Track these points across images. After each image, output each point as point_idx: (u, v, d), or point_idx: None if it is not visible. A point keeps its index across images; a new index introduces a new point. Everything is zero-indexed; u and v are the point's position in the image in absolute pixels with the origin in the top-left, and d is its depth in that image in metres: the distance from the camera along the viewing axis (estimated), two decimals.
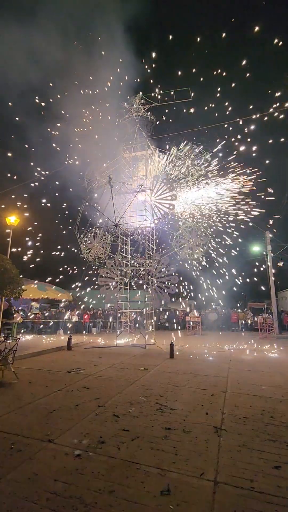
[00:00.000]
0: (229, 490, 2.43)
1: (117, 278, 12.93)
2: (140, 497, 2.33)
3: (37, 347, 10.25)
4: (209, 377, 6.26)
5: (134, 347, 11.22)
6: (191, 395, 4.99)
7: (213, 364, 7.75)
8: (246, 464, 2.82)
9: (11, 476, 2.60)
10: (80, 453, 2.99)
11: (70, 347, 10.34)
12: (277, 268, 19.07)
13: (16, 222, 13.54)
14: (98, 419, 3.89)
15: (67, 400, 4.67)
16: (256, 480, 2.55)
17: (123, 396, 4.85)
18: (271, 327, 15.77)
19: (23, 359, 8.31)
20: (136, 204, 13.57)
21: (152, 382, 5.82)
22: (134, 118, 13.67)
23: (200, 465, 2.79)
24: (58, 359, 8.51)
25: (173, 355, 8.74)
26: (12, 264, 9.73)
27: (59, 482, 2.51)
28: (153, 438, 3.35)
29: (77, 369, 6.92)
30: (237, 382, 5.88)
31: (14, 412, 4.16)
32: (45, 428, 3.60)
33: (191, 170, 12.65)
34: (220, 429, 3.59)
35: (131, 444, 3.19)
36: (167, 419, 3.89)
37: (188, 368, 7.25)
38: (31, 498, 2.31)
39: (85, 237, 13.51)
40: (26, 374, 6.40)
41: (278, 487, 2.46)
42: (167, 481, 2.52)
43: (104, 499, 2.29)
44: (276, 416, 4.03)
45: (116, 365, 7.52)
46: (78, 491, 2.40)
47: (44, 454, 2.99)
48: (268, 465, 2.80)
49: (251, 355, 9.39)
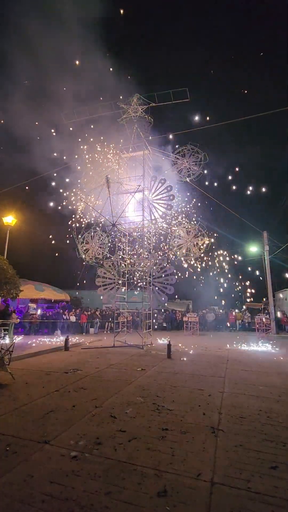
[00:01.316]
0: (225, 490, 2.42)
1: (115, 278, 12.91)
2: (136, 498, 2.31)
3: (34, 348, 10.20)
4: (207, 377, 6.26)
5: (132, 347, 11.20)
6: (188, 395, 4.99)
7: (211, 364, 7.75)
8: (243, 464, 2.82)
9: (6, 478, 2.58)
10: (76, 454, 2.97)
11: (68, 347, 10.31)
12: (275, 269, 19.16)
13: (13, 223, 13.48)
14: (95, 420, 3.87)
15: (63, 401, 4.64)
16: (253, 481, 2.55)
17: (120, 397, 4.83)
18: (268, 327, 15.83)
19: (20, 359, 8.26)
20: (133, 204, 13.57)
21: (149, 382, 5.81)
22: (132, 119, 13.67)
23: (197, 466, 2.78)
24: (55, 359, 8.47)
25: (170, 356, 8.74)
26: (9, 264, 9.69)
27: (55, 484, 2.49)
28: (150, 438, 3.33)
29: (74, 370, 6.89)
30: (234, 382, 5.88)
31: (10, 413, 4.13)
32: (41, 429, 3.57)
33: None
34: (217, 430, 3.58)
35: (128, 445, 3.17)
36: (164, 420, 3.88)
37: (185, 368, 7.24)
38: (27, 500, 2.29)
39: (82, 237, 13.47)
40: (23, 375, 6.36)
41: (275, 487, 2.46)
42: (164, 482, 2.51)
43: (100, 501, 2.28)
44: (273, 416, 4.03)
45: (114, 366, 7.50)
46: (74, 493, 2.38)
47: (40, 455, 2.97)
48: (265, 466, 2.80)
49: (248, 355, 9.41)
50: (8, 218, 13.73)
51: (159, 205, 12.80)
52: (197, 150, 13.26)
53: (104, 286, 13.02)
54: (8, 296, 9.71)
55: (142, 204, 12.83)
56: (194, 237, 12.58)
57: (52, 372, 6.74)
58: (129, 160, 14.07)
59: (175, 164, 13.64)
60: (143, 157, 13.25)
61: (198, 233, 12.55)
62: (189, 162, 13.33)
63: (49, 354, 9.45)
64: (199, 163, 13.18)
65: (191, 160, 13.33)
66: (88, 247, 13.40)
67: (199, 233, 12.53)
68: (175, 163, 13.63)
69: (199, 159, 13.18)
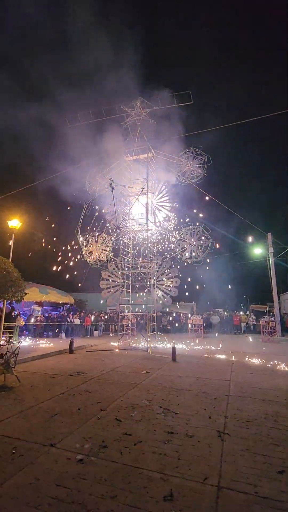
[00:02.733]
0: (232, 495, 2.40)
1: (119, 280, 12.92)
2: (142, 502, 2.30)
3: (39, 351, 10.24)
4: (212, 380, 6.22)
5: (136, 350, 11.18)
6: (194, 398, 4.96)
7: (216, 367, 7.70)
8: (250, 468, 2.80)
9: (13, 481, 2.59)
10: (82, 457, 2.97)
11: (72, 350, 10.32)
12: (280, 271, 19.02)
13: (18, 227, 13.58)
14: (100, 423, 3.87)
15: (69, 404, 4.65)
16: (260, 485, 2.52)
17: (125, 400, 4.83)
18: (273, 330, 15.69)
19: (25, 362, 8.30)
20: (137, 207, 13.61)
21: (154, 385, 5.79)
22: (135, 122, 13.75)
23: (203, 470, 2.76)
24: (60, 362, 8.49)
25: (175, 358, 8.70)
26: (14, 267, 9.76)
27: (61, 487, 2.49)
28: (156, 442, 3.32)
29: (79, 373, 6.90)
30: (240, 385, 5.84)
31: (16, 416, 4.15)
32: (47, 432, 3.58)
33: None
34: (223, 433, 3.56)
35: (133, 449, 3.16)
36: (170, 423, 3.86)
37: (191, 371, 7.21)
38: (33, 503, 2.29)
39: (86, 240, 13.52)
40: (28, 378, 6.39)
41: (282, 492, 2.43)
42: (170, 486, 2.50)
43: (106, 505, 2.27)
44: (279, 420, 3.99)
45: (118, 369, 7.49)
46: (80, 496, 2.38)
47: (46, 458, 2.98)
48: (272, 470, 2.77)
49: (253, 358, 9.33)
50: (14, 221, 13.83)
51: (163, 207, 12.82)
52: (200, 153, 13.28)
53: (108, 289, 13.06)
54: (13, 299, 9.75)
55: (146, 207, 12.87)
56: (198, 240, 12.56)
57: (57, 375, 6.76)
58: (133, 163, 14.13)
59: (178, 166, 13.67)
60: (147, 160, 13.30)
61: (202, 236, 12.53)
62: (193, 165, 13.34)
63: (54, 357, 9.48)
64: (202, 166, 13.19)
65: (194, 162, 13.34)
66: (92, 250, 13.45)
67: (203, 235, 12.51)
68: (179, 166, 13.65)
69: (202, 162, 13.19)
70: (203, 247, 12.48)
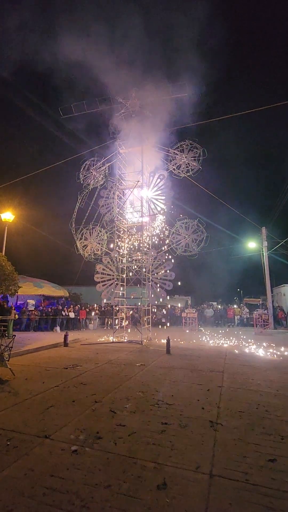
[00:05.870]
0: (224, 483, 2.45)
1: (114, 274, 12.92)
2: (136, 491, 2.34)
3: (33, 344, 10.23)
4: (205, 372, 6.30)
5: (131, 343, 11.25)
6: (188, 390, 5.03)
7: (209, 359, 7.81)
8: (241, 457, 2.86)
9: (8, 472, 2.60)
10: (76, 448, 2.99)
11: (67, 343, 10.34)
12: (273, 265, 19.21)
13: (12, 219, 13.42)
14: (95, 415, 3.90)
15: (63, 396, 4.67)
16: (251, 473, 2.58)
17: (120, 392, 4.87)
18: (266, 323, 15.93)
19: (20, 356, 8.29)
20: (132, 200, 13.53)
21: (148, 377, 5.85)
22: (130, 113, 13.56)
23: (196, 459, 2.81)
24: (55, 355, 8.51)
25: (169, 351, 8.79)
26: (7, 260, 9.67)
27: (56, 478, 2.52)
28: (150, 433, 3.37)
29: (74, 366, 6.93)
30: (232, 377, 5.94)
31: (11, 408, 4.15)
32: (42, 424, 3.60)
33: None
34: (216, 423, 3.62)
35: (127, 439, 3.20)
36: (164, 414, 3.91)
37: (185, 363, 7.29)
38: (28, 493, 2.31)
39: (80, 233, 13.44)
40: (23, 371, 6.39)
41: (273, 479, 2.50)
42: (163, 475, 2.54)
43: (100, 494, 2.31)
44: (270, 410, 4.07)
45: (113, 361, 7.54)
46: (75, 486, 2.41)
47: (41, 450, 3.00)
48: (263, 458, 2.83)
49: (246, 350, 9.47)
50: (6, 214, 13.66)
51: (157, 200, 12.76)
52: (195, 146, 13.19)
53: (103, 283, 13.03)
54: (7, 293, 9.69)
55: (140, 199, 12.79)
56: (193, 233, 12.58)
57: (51, 368, 6.77)
58: (127, 155, 13.99)
59: (173, 159, 13.57)
60: (141, 152, 13.17)
61: (197, 229, 12.55)
62: (188, 158, 13.26)
63: (48, 350, 9.49)
64: (197, 159, 13.12)
65: (189, 155, 13.26)
66: (86, 244, 13.38)
67: (198, 229, 12.53)
68: (173, 159, 13.55)
69: (197, 154, 13.11)
70: (198, 241, 12.52)
